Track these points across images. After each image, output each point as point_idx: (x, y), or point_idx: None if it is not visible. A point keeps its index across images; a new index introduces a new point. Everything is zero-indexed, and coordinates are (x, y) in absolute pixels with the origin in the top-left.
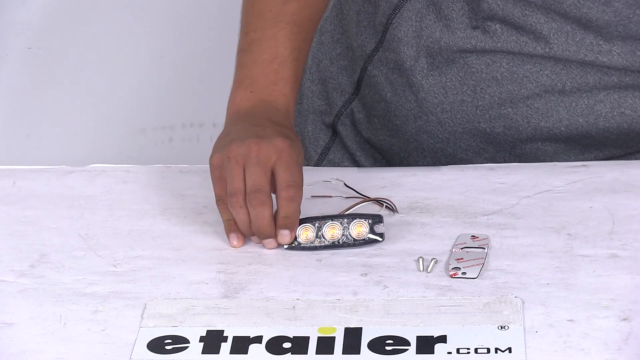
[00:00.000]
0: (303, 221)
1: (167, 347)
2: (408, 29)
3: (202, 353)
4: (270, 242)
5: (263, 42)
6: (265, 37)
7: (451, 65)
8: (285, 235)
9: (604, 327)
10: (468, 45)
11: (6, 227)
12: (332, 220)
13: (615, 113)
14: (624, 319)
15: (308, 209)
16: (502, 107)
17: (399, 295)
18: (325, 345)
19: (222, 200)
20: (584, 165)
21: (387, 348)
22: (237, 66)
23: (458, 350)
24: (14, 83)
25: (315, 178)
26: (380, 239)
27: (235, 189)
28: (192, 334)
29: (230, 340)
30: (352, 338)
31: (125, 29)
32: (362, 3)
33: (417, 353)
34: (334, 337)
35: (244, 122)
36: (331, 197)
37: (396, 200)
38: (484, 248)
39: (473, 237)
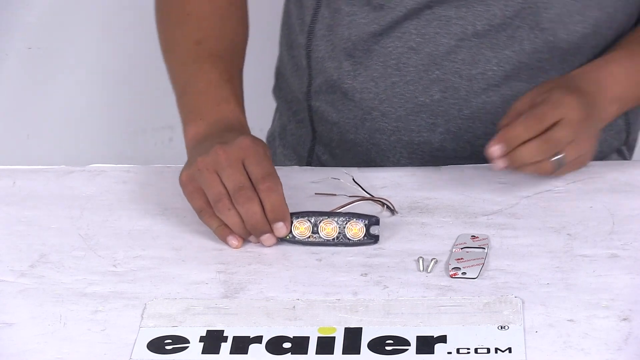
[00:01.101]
0: (300, 215)
1: (167, 347)
2: (323, 45)
3: (202, 353)
4: (267, 238)
5: (192, 78)
6: (193, 74)
7: (369, 54)
8: (280, 228)
9: (604, 327)
10: (374, 27)
11: (6, 227)
12: (328, 217)
13: (536, 31)
14: (624, 319)
15: (309, 206)
16: (430, 72)
17: (399, 295)
18: (325, 345)
19: (204, 211)
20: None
21: (387, 348)
22: (180, 110)
23: (458, 350)
24: (14, 83)
25: (319, 177)
26: (374, 242)
27: (218, 194)
28: (192, 334)
29: (230, 340)
30: (352, 338)
31: (125, 29)
32: (287, 50)
33: (417, 353)
34: (334, 337)
35: (204, 143)
36: (335, 195)
37: (396, 200)
38: (484, 248)
39: (473, 237)
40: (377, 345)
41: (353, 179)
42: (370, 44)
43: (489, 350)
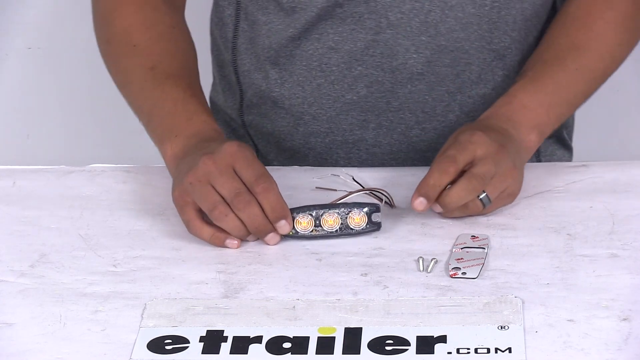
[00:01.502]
0: (300, 210)
1: (167, 347)
2: (247, 58)
3: (202, 353)
4: (272, 237)
5: (157, 102)
6: (157, 98)
7: (292, 60)
8: (283, 226)
9: (604, 327)
10: (292, 31)
11: (6, 227)
12: (329, 209)
13: (446, 11)
14: (624, 319)
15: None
16: (352, 69)
17: (399, 295)
18: (325, 345)
19: (192, 222)
20: (584, 165)
21: (387, 348)
22: (152, 134)
23: (458, 350)
24: (14, 83)
25: (319, 175)
26: (377, 229)
27: (214, 202)
28: (192, 334)
29: (230, 340)
30: (352, 338)
31: None
32: (217, 71)
33: (417, 353)
34: (334, 337)
35: (187, 158)
36: (335, 190)
37: (396, 199)
38: (484, 248)
39: (473, 237)
40: (377, 345)
41: (353, 178)
42: (291, 49)
43: (489, 350)
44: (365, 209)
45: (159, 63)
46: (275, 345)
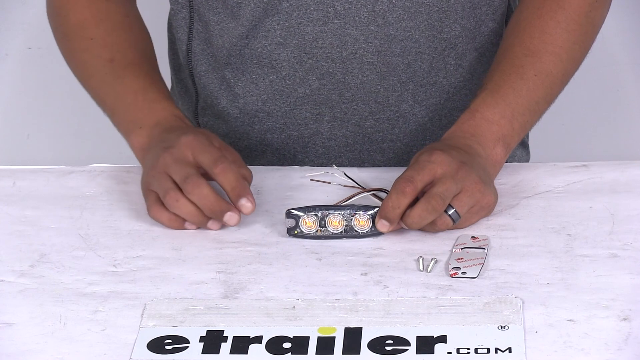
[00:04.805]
0: (306, 209)
1: (167, 347)
2: (203, 59)
3: (202, 353)
4: (230, 217)
5: (119, 95)
6: (117, 90)
7: (242, 58)
8: (244, 204)
9: (604, 327)
10: (240, 29)
11: (6, 227)
12: (335, 211)
13: (394, 0)
14: (624, 319)
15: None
16: (303, 63)
17: (399, 295)
18: (325, 345)
19: (152, 207)
20: (584, 165)
21: (387, 348)
22: (117, 127)
23: (458, 350)
24: (14, 83)
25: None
26: (382, 232)
27: (166, 189)
28: (192, 334)
29: (230, 340)
30: (352, 338)
31: None
32: (175, 75)
33: (417, 353)
34: (334, 337)
35: (151, 152)
36: (329, 183)
37: None
38: (484, 248)
39: (473, 237)
40: (377, 345)
41: (344, 174)
42: (240, 48)
43: (489, 350)
44: (371, 213)
45: (117, 53)
46: (275, 345)
